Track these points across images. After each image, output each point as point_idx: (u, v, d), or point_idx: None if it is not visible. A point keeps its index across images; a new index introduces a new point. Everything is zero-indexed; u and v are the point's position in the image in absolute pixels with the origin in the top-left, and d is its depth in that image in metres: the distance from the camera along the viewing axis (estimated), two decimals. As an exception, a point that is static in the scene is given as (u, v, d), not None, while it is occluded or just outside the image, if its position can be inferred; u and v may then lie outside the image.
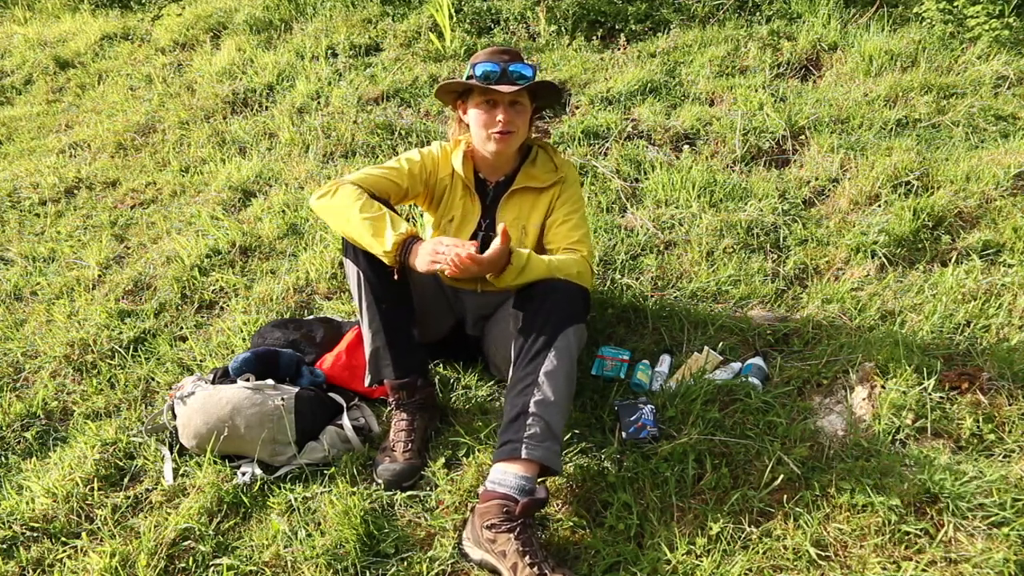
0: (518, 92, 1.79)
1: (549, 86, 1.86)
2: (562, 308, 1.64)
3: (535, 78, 1.79)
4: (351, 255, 1.77)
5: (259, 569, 1.56)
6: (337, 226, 1.75)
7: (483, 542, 1.49)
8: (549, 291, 1.66)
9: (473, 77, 1.80)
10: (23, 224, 3.34)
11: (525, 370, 1.61)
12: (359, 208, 1.68)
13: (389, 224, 1.66)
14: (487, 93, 1.80)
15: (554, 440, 1.56)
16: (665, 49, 3.93)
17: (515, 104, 1.81)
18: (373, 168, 1.87)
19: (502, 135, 1.81)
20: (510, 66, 1.78)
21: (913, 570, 1.41)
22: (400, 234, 1.64)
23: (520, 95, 1.82)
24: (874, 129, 3.09)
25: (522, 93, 1.81)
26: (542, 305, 1.64)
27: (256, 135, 3.75)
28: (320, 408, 1.91)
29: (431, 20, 4.41)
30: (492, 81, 1.77)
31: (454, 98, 1.95)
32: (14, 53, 5.63)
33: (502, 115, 1.79)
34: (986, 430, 1.69)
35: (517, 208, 1.93)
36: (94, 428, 1.99)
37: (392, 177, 1.86)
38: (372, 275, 1.75)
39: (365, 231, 1.66)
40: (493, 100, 1.81)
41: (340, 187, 1.74)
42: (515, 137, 1.84)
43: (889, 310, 2.19)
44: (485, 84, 1.77)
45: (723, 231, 2.60)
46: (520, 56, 1.85)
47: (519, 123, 1.83)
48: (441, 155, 1.97)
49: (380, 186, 1.82)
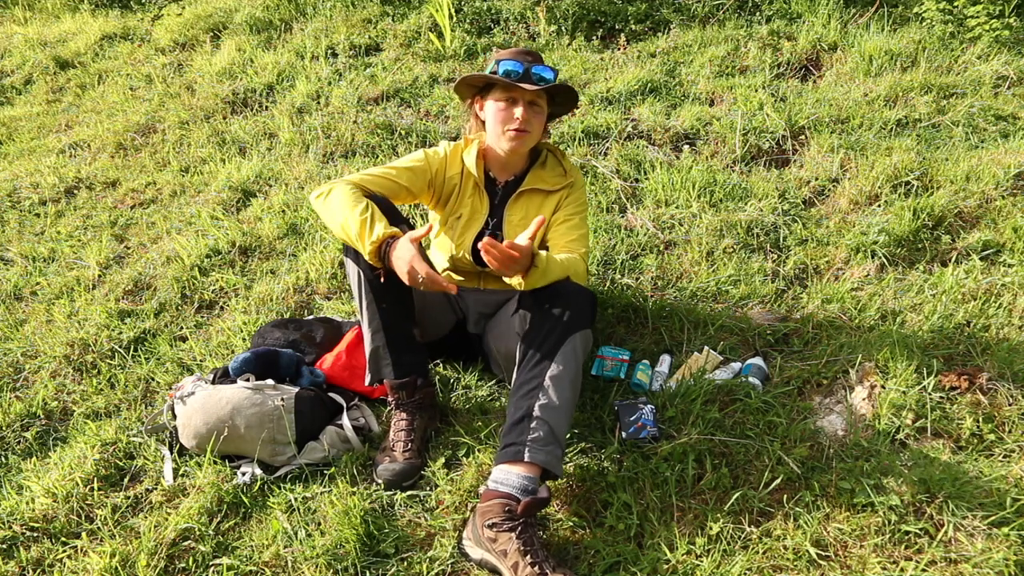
0: (537, 93, 1.83)
1: (569, 90, 1.88)
2: (570, 313, 1.64)
3: (556, 82, 1.82)
4: (351, 254, 1.78)
5: (259, 569, 1.56)
6: (330, 225, 1.75)
7: (484, 541, 1.49)
8: (558, 295, 1.66)
9: (496, 73, 1.81)
10: (23, 224, 3.34)
11: (531, 373, 1.61)
12: (350, 208, 1.68)
13: (369, 226, 1.65)
14: (510, 90, 1.82)
15: (557, 445, 1.56)
16: (665, 49, 3.93)
17: (533, 105, 1.85)
18: (374, 169, 1.88)
19: (518, 132, 1.83)
20: (533, 67, 1.81)
21: (913, 570, 1.41)
22: (372, 242, 1.62)
23: (539, 97, 1.84)
24: (874, 129, 3.09)
25: (541, 95, 1.85)
26: (551, 309, 1.64)
27: (256, 135, 3.75)
28: (320, 408, 1.91)
29: (431, 20, 4.41)
30: (515, 79, 1.80)
31: (473, 92, 1.96)
32: (14, 53, 5.63)
33: (521, 112, 1.81)
34: (986, 430, 1.69)
35: (524, 209, 1.93)
36: (94, 428, 1.99)
37: (392, 177, 1.87)
38: (371, 275, 1.75)
39: (353, 232, 1.66)
40: (513, 98, 1.83)
41: (336, 187, 1.74)
42: (530, 137, 1.86)
43: (889, 310, 2.19)
44: (511, 81, 1.79)
45: (723, 231, 2.60)
46: (542, 59, 1.88)
47: (535, 123, 1.86)
48: (450, 153, 1.98)
49: (378, 185, 1.82)
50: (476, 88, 1.94)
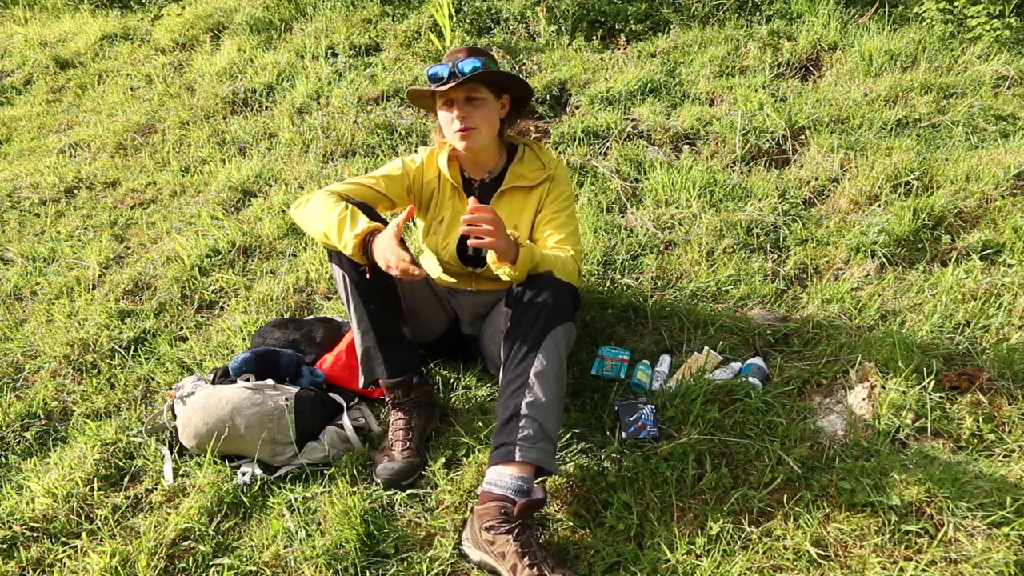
0: (471, 87, 1.78)
1: (496, 76, 1.81)
2: (550, 307, 1.62)
3: (482, 70, 1.75)
4: (335, 259, 1.78)
5: (259, 569, 1.56)
6: (309, 231, 1.76)
7: (482, 543, 1.49)
8: (537, 290, 1.65)
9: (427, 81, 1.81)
10: (23, 224, 3.34)
11: (515, 372, 1.61)
12: (329, 211, 1.69)
13: (349, 222, 1.65)
14: (441, 94, 1.81)
15: (548, 441, 1.56)
16: (665, 49, 3.93)
17: (472, 100, 1.80)
18: (352, 178, 1.88)
19: (463, 132, 1.80)
20: (459, 63, 1.75)
21: (913, 570, 1.41)
22: (356, 235, 1.63)
23: (474, 90, 1.79)
24: (874, 129, 3.09)
25: (476, 88, 1.79)
26: (530, 305, 1.63)
27: (256, 135, 3.75)
28: (320, 408, 1.91)
29: (431, 20, 4.41)
30: (442, 82, 1.77)
31: (427, 104, 1.95)
32: (14, 53, 5.63)
33: (457, 112, 1.79)
34: (986, 430, 1.69)
35: (507, 208, 1.92)
36: (94, 428, 1.99)
37: (371, 185, 1.87)
38: (356, 276, 1.75)
39: (331, 232, 1.67)
40: (448, 100, 1.81)
41: (314, 195, 1.76)
42: (478, 133, 1.82)
43: (889, 310, 2.19)
44: (434, 87, 1.78)
45: (723, 231, 2.60)
46: (480, 51, 1.81)
47: (477, 118, 1.80)
48: (427, 159, 1.98)
49: (358, 194, 1.83)
50: (427, 97, 1.90)
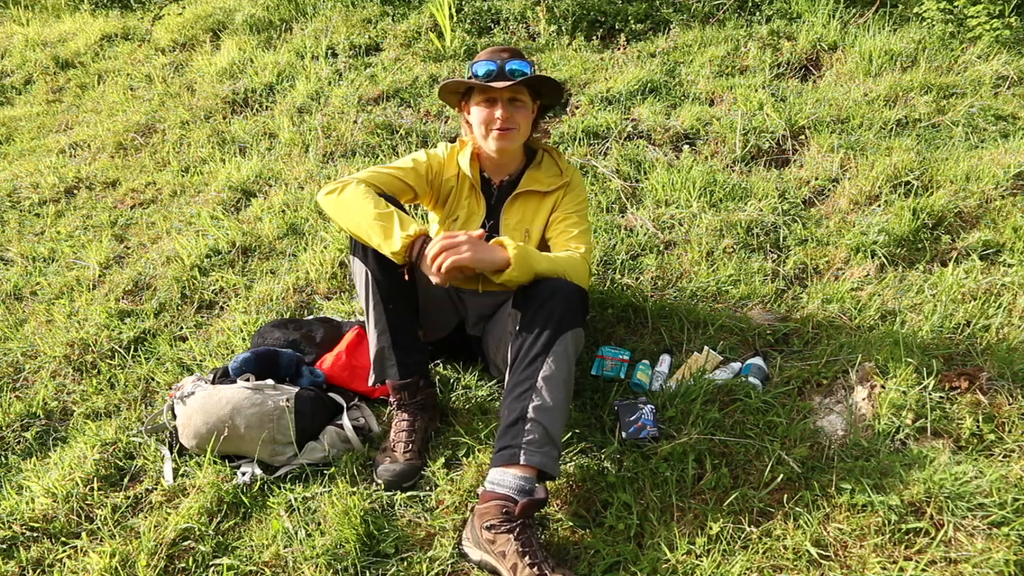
0: (516, 89, 1.80)
1: (548, 81, 1.85)
2: (561, 312, 1.62)
3: (532, 74, 1.80)
4: (359, 253, 1.75)
5: (259, 569, 1.56)
6: (345, 224, 1.72)
7: (483, 543, 1.49)
8: (548, 293, 1.64)
9: (473, 76, 1.80)
10: (23, 224, 3.34)
11: (523, 374, 1.60)
12: (369, 206, 1.67)
13: (398, 223, 1.64)
14: (485, 91, 1.81)
15: (552, 446, 1.55)
16: (665, 49, 3.93)
17: (515, 101, 1.83)
18: (380, 167, 1.87)
19: (502, 132, 1.82)
20: (507, 63, 1.79)
21: (913, 570, 1.41)
22: (408, 235, 1.63)
23: (519, 92, 1.82)
24: (874, 129, 3.09)
25: (521, 90, 1.82)
26: (541, 308, 1.63)
27: (256, 135, 3.75)
28: (320, 408, 1.91)
29: (431, 20, 4.41)
30: (490, 79, 1.79)
31: (457, 99, 1.95)
32: (14, 53, 5.63)
33: (501, 111, 1.80)
34: (986, 430, 1.69)
35: (521, 211, 1.93)
36: (94, 428, 1.99)
37: (400, 176, 1.87)
38: (380, 275, 1.74)
39: (375, 230, 1.65)
40: (492, 98, 1.82)
41: (348, 184, 1.73)
42: (516, 134, 1.85)
43: (889, 310, 2.19)
44: (483, 82, 1.78)
45: (723, 231, 2.60)
46: (520, 54, 1.85)
47: (519, 119, 1.83)
48: (447, 156, 1.98)
49: (389, 185, 1.82)
50: (460, 94, 1.92)
